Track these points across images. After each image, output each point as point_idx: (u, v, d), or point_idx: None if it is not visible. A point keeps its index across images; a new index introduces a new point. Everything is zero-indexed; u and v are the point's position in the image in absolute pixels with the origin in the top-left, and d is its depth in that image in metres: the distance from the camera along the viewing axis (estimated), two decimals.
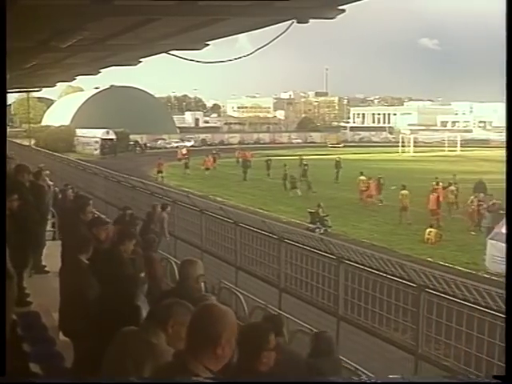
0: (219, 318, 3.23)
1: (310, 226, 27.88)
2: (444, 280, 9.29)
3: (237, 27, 11.07)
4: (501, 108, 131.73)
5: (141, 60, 15.81)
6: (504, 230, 21.39)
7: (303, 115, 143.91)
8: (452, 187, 33.58)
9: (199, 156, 60.45)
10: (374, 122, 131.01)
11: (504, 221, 21.95)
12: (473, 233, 28.03)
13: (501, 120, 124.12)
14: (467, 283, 9.14)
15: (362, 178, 37.52)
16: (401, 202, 31.59)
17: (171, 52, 12.13)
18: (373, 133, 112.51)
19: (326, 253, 11.73)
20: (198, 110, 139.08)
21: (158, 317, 4.30)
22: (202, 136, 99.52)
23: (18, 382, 3.20)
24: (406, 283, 9.92)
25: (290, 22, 8.84)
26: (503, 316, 8.47)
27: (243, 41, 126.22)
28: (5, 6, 3.98)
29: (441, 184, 33.68)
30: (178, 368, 3.14)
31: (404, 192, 31.77)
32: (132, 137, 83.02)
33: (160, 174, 49.71)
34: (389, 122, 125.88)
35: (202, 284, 7.69)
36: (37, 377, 4.57)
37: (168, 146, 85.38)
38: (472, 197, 30.56)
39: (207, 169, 54.73)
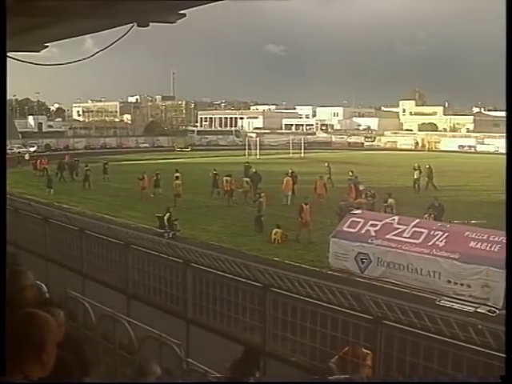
0: (42, 324, 3.17)
1: (159, 230, 27.77)
2: (287, 278, 9.57)
3: (76, 29, 10.77)
4: (341, 112, 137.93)
5: None
6: (346, 228, 22.35)
7: (150, 119, 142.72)
8: (245, 178, 40.54)
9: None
10: (221, 125, 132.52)
11: (346, 219, 22.92)
12: None
13: (341, 123, 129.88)
14: (310, 280, 9.47)
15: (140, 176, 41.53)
16: (175, 190, 37.48)
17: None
18: (220, 136, 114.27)
19: (173, 257, 11.74)
20: (42, 114, 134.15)
21: None
22: (46, 141, 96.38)
23: (18, 382, 3.03)
24: (251, 283, 10.12)
25: (130, 25, 8.75)
26: (344, 310, 8.89)
27: (89, 44, 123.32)
28: (5, 6, 3.80)
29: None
30: None
31: (177, 182, 38.17)
32: None
33: None
34: (235, 126, 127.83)
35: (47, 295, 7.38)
36: None
37: (10, 151, 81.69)
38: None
39: (38, 170, 54.95)
